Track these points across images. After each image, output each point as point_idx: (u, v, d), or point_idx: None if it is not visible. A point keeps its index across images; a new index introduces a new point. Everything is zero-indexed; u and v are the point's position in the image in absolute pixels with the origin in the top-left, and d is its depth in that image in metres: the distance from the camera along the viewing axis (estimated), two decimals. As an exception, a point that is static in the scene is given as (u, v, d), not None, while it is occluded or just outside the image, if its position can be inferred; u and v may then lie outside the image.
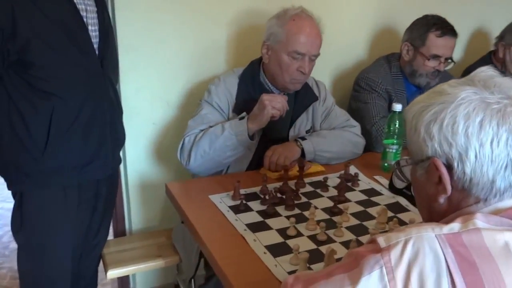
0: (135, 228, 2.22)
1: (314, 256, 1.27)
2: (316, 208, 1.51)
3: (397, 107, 1.84)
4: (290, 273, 1.22)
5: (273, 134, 1.89)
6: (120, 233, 2.20)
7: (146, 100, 2.10)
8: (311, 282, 0.86)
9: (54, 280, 1.70)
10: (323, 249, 1.32)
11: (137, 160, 2.16)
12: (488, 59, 2.56)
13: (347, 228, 1.44)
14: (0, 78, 1.52)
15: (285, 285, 0.90)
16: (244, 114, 1.77)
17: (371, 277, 0.78)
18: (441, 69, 2.14)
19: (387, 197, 1.67)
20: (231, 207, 1.55)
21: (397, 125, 1.84)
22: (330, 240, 1.38)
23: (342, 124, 2.02)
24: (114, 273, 1.88)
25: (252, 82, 1.91)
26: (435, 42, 2.10)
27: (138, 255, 1.97)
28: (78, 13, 1.58)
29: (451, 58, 2.14)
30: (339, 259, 1.25)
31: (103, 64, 1.69)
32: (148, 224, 2.25)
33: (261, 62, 1.94)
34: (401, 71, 2.24)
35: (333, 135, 1.96)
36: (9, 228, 2.94)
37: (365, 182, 1.79)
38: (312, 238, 1.39)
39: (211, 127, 1.80)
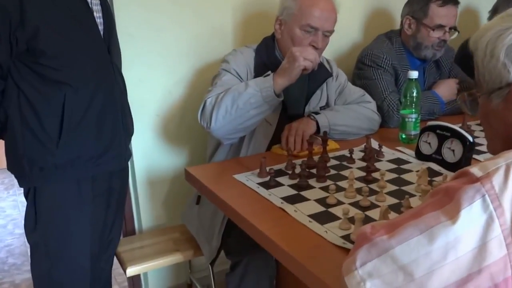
0: (145, 226, 2.13)
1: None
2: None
3: (413, 74, 1.82)
4: (342, 237, 1.17)
5: (291, 110, 1.85)
6: (130, 232, 2.10)
7: (149, 90, 2.03)
8: (396, 225, 0.80)
9: (74, 282, 1.60)
10: (370, 213, 1.27)
11: (144, 154, 2.08)
12: None
13: (387, 194, 1.40)
14: (8, 70, 1.46)
15: (363, 236, 0.83)
16: (269, 72, 1.68)
17: (473, 208, 0.73)
18: (447, 38, 2.15)
19: (417, 164, 1.64)
20: (260, 184, 1.50)
21: (414, 93, 1.82)
22: (373, 206, 1.34)
23: (357, 100, 2.00)
24: (133, 270, 1.79)
25: (268, 57, 1.87)
26: (438, 12, 2.10)
27: (155, 251, 1.89)
28: (84, 0, 1.54)
29: (455, 27, 2.15)
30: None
31: (110, 51, 1.65)
32: (158, 222, 2.16)
33: (274, 38, 1.90)
34: (403, 46, 2.24)
35: (348, 109, 1.93)
36: (5, 243, 2.88)
37: (389, 153, 1.76)
38: (355, 205, 1.34)
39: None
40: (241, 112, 1.63)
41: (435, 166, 1.60)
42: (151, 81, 2.02)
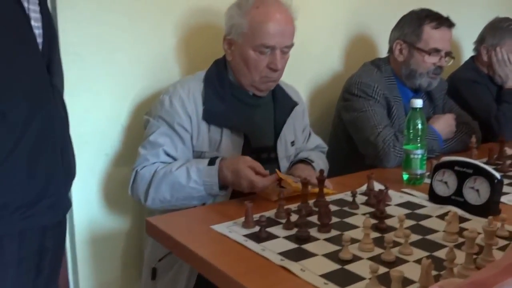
0: (85, 297, 1.79)
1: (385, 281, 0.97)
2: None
3: (418, 102, 1.64)
4: (373, 304, 0.91)
5: (255, 144, 1.67)
6: (66, 305, 1.75)
7: (96, 123, 1.75)
8: (486, 285, 0.60)
9: None
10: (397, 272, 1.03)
11: (86, 204, 1.77)
12: (471, 63, 2.50)
13: (410, 244, 1.17)
14: None
15: None
16: (215, 159, 1.55)
17: None
18: (443, 65, 2.02)
19: (434, 208, 1.43)
20: (248, 236, 1.24)
21: (419, 126, 1.64)
22: (400, 260, 1.10)
23: (321, 145, 1.98)
24: None
25: (220, 83, 1.69)
26: (433, 35, 1.99)
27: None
28: (19, 2, 1.28)
29: (451, 53, 2.02)
30: (437, 277, 0.98)
31: (49, 70, 1.37)
32: (103, 292, 1.83)
33: (226, 59, 1.74)
34: (394, 75, 2.09)
35: (319, 158, 1.86)
36: None
37: (395, 196, 1.54)
38: (375, 259, 1.10)
39: (168, 155, 1.60)
40: (182, 202, 1.54)
41: (457, 210, 1.39)
42: (100, 112, 1.75)
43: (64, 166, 1.42)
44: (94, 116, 1.74)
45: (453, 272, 0.98)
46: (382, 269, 1.02)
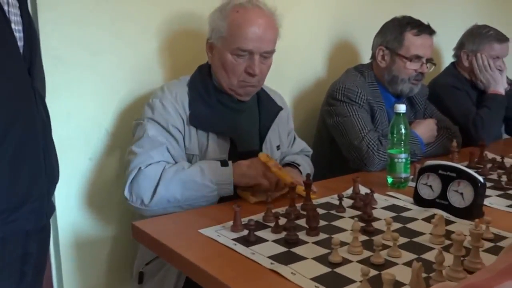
0: (69, 303, 1.75)
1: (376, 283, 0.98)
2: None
3: (401, 107, 1.66)
4: (365, 306, 0.91)
5: (241, 148, 1.66)
6: (50, 311, 1.72)
7: (80, 127, 1.72)
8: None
9: None
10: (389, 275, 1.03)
11: (70, 209, 1.73)
12: (452, 69, 2.55)
13: (398, 247, 1.18)
14: None
15: None
16: (226, 161, 1.56)
17: None
18: (424, 71, 2.04)
19: (419, 211, 1.44)
20: (237, 240, 1.23)
21: (403, 130, 1.65)
22: (389, 263, 1.10)
23: (306, 149, 1.98)
24: None
25: (204, 88, 1.68)
26: (414, 41, 2.01)
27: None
28: None
29: (432, 59, 2.05)
30: (426, 279, 0.99)
31: (31, 74, 1.34)
32: (87, 297, 1.79)
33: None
34: (376, 81, 2.10)
35: (304, 161, 1.87)
36: None
37: (380, 199, 1.55)
38: (364, 262, 1.10)
39: (170, 154, 1.57)
40: (190, 202, 1.51)
41: (442, 213, 1.40)
42: (83, 116, 1.72)
43: (47, 170, 1.39)
44: (77, 120, 1.71)
45: (442, 274, 0.99)
46: (372, 272, 1.02)
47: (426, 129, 2.05)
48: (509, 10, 3.25)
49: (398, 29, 2.03)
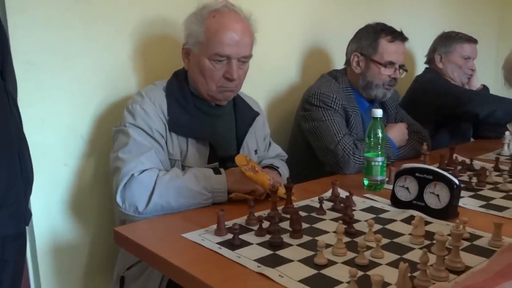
0: (46, 312, 1.70)
1: (363, 284, 1.00)
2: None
3: (378, 112, 1.69)
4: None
5: (221, 152, 1.67)
6: (26, 321, 1.66)
7: (54, 133, 1.68)
8: None
9: None
10: (374, 273, 1.05)
11: (47, 214, 1.69)
12: (430, 69, 2.69)
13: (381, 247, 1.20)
14: None
15: None
16: (218, 168, 1.58)
17: None
18: (397, 76, 2.08)
19: (396, 213, 1.47)
20: (222, 244, 1.22)
21: (379, 134, 1.68)
22: (373, 264, 1.12)
23: (281, 154, 2.00)
24: None
25: (181, 94, 1.67)
26: (387, 48, 2.05)
27: None
28: None
29: (403, 66, 2.10)
30: (411, 278, 1.01)
31: (3, 77, 1.31)
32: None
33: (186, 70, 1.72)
34: (350, 86, 2.14)
35: (283, 166, 1.89)
36: None
37: (358, 201, 1.57)
38: (349, 263, 1.12)
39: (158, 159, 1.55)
40: (184, 209, 1.49)
41: (418, 214, 1.43)
42: (57, 121, 1.68)
43: (22, 173, 1.36)
44: (52, 125, 1.66)
45: (427, 274, 1.01)
46: (358, 273, 1.03)
47: (398, 132, 2.09)
48: (474, 19, 3.36)
49: (372, 36, 2.07)
